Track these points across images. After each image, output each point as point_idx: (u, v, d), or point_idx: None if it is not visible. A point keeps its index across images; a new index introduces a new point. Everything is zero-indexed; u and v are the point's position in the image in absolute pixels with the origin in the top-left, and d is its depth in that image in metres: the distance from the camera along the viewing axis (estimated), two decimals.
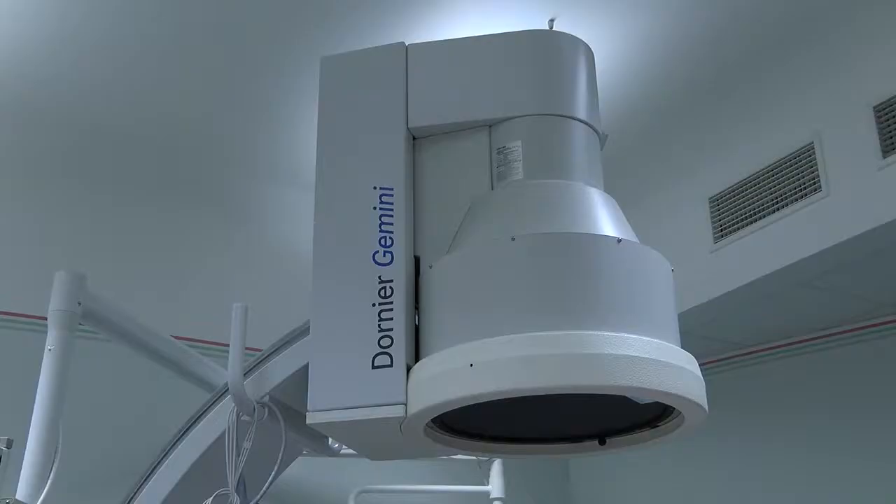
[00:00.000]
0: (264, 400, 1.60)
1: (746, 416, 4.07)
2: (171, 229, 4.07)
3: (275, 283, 3.96)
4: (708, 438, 3.94)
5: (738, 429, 4.06)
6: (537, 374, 1.33)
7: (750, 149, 3.42)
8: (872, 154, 2.90)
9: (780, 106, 3.32)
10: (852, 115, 2.99)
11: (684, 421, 1.49)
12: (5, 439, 1.78)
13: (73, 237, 3.81)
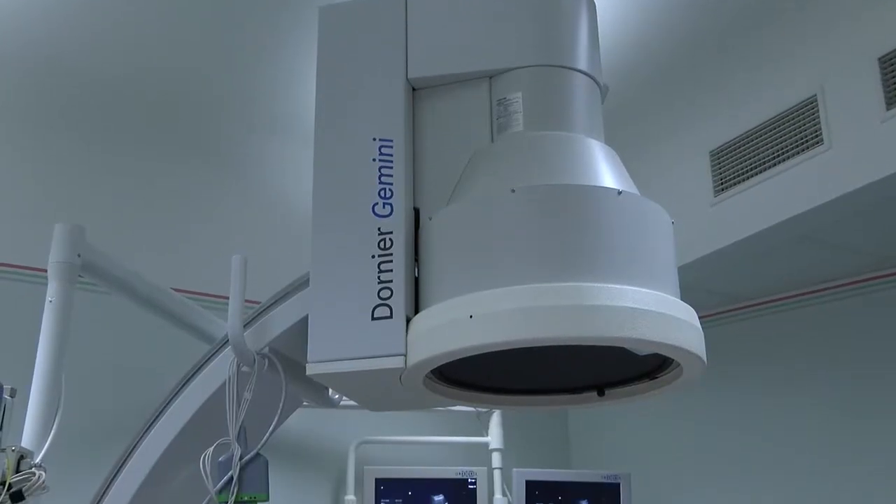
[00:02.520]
0: (264, 351, 1.61)
1: (746, 369, 4.10)
2: (171, 182, 4.06)
3: (274, 237, 3.96)
4: (707, 391, 3.98)
5: (737, 381, 4.09)
6: (536, 326, 1.33)
7: (752, 102, 3.39)
8: (876, 106, 2.88)
9: (784, 58, 3.29)
10: (857, 67, 2.96)
11: (683, 373, 1.50)
12: (9, 388, 1.79)
13: (72, 190, 3.80)
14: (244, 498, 1.51)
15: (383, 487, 3.94)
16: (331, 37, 1.68)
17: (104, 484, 1.74)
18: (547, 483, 4.03)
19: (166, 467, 1.72)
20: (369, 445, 4.10)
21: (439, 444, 4.23)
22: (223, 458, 1.52)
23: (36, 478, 1.80)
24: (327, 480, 4.10)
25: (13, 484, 1.77)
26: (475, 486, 4.01)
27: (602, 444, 4.61)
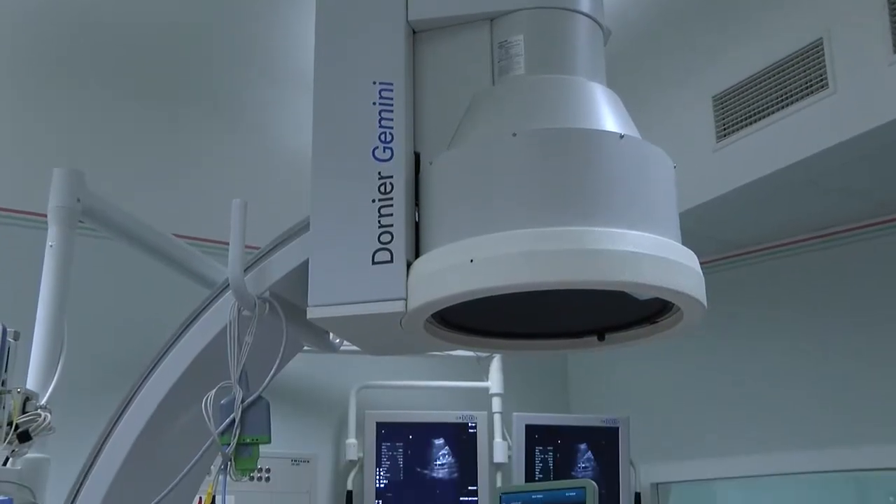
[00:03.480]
0: (265, 295, 1.61)
1: (746, 315, 4.11)
2: (171, 129, 4.03)
3: (274, 182, 3.95)
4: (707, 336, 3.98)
5: (737, 327, 4.10)
6: (537, 270, 1.33)
7: (756, 46, 3.35)
8: (883, 50, 2.84)
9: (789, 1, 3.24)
10: (864, 10, 2.92)
11: (683, 317, 1.50)
12: (12, 331, 1.80)
13: (72, 136, 3.77)
14: (246, 440, 1.52)
15: (384, 431, 3.99)
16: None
17: (108, 426, 1.76)
18: (546, 427, 4.08)
19: (169, 410, 1.73)
20: (370, 390, 4.14)
21: (440, 388, 4.27)
22: (225, 400, 1.53)
23: (42, 419, 1.82)
24: (329, 425, 4.14)
25: (20, 424, 1.79)
26: (475, 431, 4.05)
27: (601, 389, 4.64)
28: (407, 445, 4.00)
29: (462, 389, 4.25)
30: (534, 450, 4.04)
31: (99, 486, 1.71)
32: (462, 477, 4.00)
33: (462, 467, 4.01)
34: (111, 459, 1.72)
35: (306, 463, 3.93)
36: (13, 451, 1.81)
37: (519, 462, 3.99)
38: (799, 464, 3.92)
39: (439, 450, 4.03)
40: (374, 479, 3.91)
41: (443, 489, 3.98)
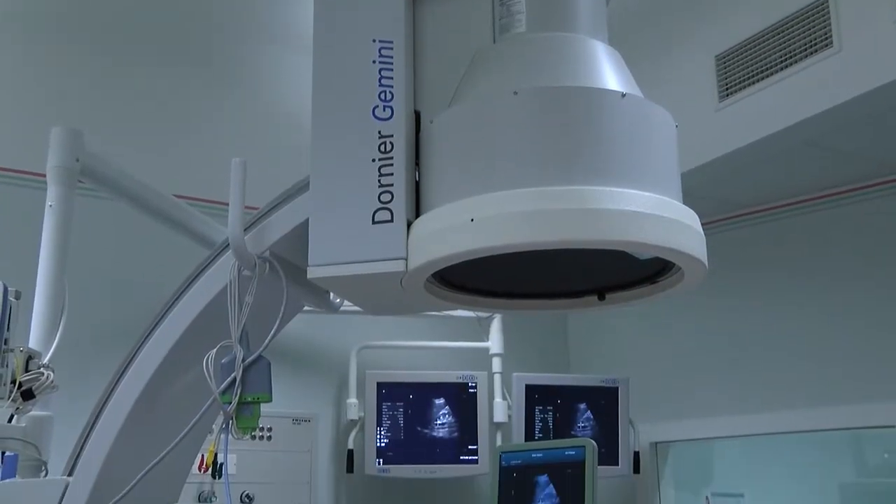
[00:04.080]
0: (265, 255, 1.61)
1: (747, 276, 4.11)
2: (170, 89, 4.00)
3: (274, 142, 3.93)
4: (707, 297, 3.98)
5: (738, 287, 4.10)
6: (538, 229, 1.33)
7: (759, 4, 3.31)
8: (888, 8, 2.81)
9: None
10: None
11: (684, 277, 1.50)
12: (13, 291, 1.81)
13: (72, 96, 3.75)
14: (247, 399, 1.53)
15: (385, 391, 4.01)
16: None
17: (109, 385, 1.76)
18: (546, 387, 4.10)
19: (170, 370, 1.74)
20: (371, 350, 4.15)
21: (440, 349, 4.29)
22: (226, 360, 1.53)
23: (45, 377, 1.84)
24: (329, 384, 4.16)
25: (23, 382, 1.80)
26: (475, 390, 4.08)
27: (601, 349, 4.66)
28: (407, 405, 4.03)
29: (462, 350, 4.27)
30: (534, 409, 4.06)
31: (102, 444, 1.72)
32: (462, 436, 4.03)
33: (462, 427, 4.04)
34: (113, 418, 1.73)
35: (307, 422, 3.96)
36: (17, 408, 1.83)
37: (519, 421, 4.02)
38: (796, 422, 3.95)
39: (440, 409, 4.05)
40: (375, 439, 3.94)
41: (443, 448, 4.02)
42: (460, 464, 4.01)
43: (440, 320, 4.18)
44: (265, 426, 3.78)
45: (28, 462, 1.87)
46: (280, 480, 3.78)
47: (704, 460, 5.18)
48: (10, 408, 1.82)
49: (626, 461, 4.08)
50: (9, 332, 1.76)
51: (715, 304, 4.13)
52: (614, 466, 4.03)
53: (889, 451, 4.59)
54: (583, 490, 3.01)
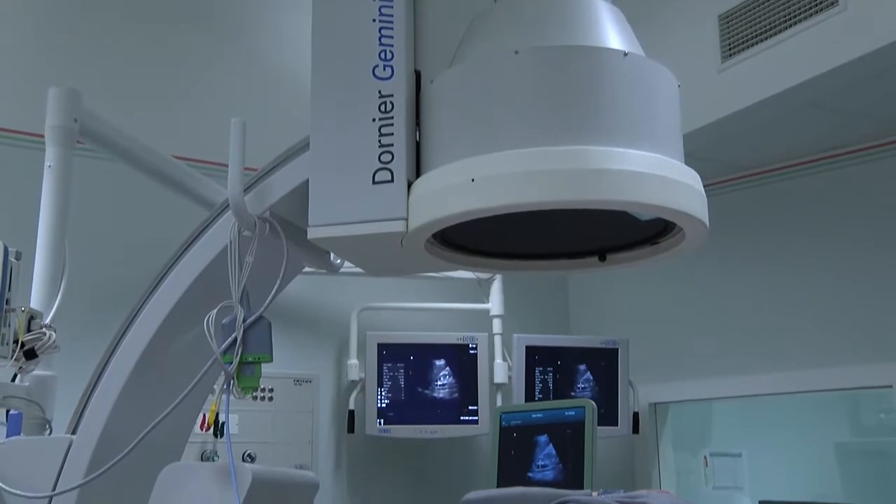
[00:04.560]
0: (265, 215, 1.60)
1: (748, 238, 4.10)
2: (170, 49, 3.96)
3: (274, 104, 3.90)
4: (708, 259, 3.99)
5: (738, 250, 4.09)
6: (539, 189, 1.32)
7: None
8: None
9: None
10: None
11: (685, 238, 1.50)
12: (13, 251, 1.81)
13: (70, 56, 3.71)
14: (248, 359, 1.53)
15: (385, 352, 4.03)
16: None
17: (111, 346, 1.77)
18: (546, 348, 4.12)
19: (171, 330, 1.74)
20: (371, 311, 4.16)
21: (441, 310, 4.30)
22: (227, 320, 1.54)
23: (47, 337, 1.84)
24: (330, 345, 4.18)
25: (25, 342, 1.81)
26: (476, 352, 4.10)
27: (601, 311, 4.67)
28: (408, 366, 4.05)
29: (463, 311, 4.28)
30: (534, 370, 4.08)
31: (104, 403, 1.73)
32: (462, 397, 4.05)
33: (462, 387, 4.06)
34: (115, 378, 1.74)
35: (308, 383, 3.98)
36: (20, 367, 1.84)
37: (519, 382, 4.04)
38: (794, 383, 3.97)
39: (440, 370, 4.07)
40: (376, 399, 3.96)
41: (443, 409, 4.04)
42: (460, 424, 4.03)
43: (441, 282, 4.18)
44: (266, 387, 3.80)
45: (32, 420, 1.88)
46: (282, 440, 3.81)
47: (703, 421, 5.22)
48: (13, 367, 1.83)
49: (626, 422, 4.11)
50: (10, 292, 1.77)
51: (715, 266, 4.14)
52: (613, 427, 4.06)
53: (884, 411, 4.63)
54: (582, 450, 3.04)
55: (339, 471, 4.07)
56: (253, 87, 4.07)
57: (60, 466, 1.70)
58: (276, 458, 3.65)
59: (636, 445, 4.41)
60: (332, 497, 3.95)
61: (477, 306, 4.24)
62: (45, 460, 1.71)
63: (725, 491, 4.99)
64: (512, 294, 4.27)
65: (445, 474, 4.15)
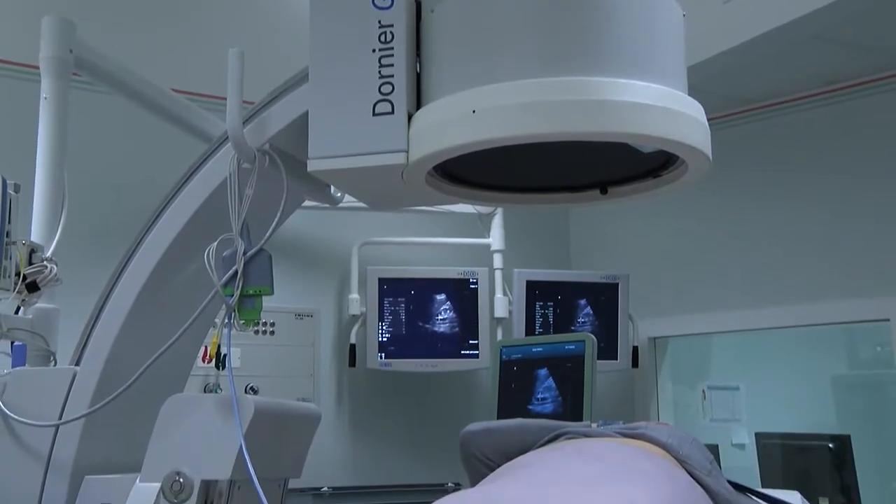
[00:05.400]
0: (264, 147, 1.59)
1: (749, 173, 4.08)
2: None
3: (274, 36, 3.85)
4: (709, 193, 3.99)
5: (739, 185, 4.08)
6: (540, 121, 1.31)
7: None
8: None
9: None
10: None
11: (688, 170, 1.49)
12: (12, 183, 1.80)
13: None
14: (249, 292, 1.54)
15: (386, 287, 4.04)
16: None
17: (112, 279, 1.78)
18: (547, 283, 4.13)
19: (171, 263, 1.74)
20: (372, 246, 4.16)
21: (441, 245, 4.30)
22: (227, 252, 1.54)
23: (48, 270, 1.84)
24: (331, 280, 4.19)
25: (27, 275, 1.81)
26: (476, 286, 4.11)
27: (602, 245, 4.68)
28: (409, 300, 4.06)
29: (464, 246, 4.28)
30: (534, 305, 4.10)
31: (107, 335, 1.74)
32: (463, 331, 4.08)
33: (463, 322, 4.08)
34: (117, 310, 1.75)
35: (310, 317, 4.00)
36: (23, 300, 1.85)
37: (519, 317, 4.06)
38: (792, 317, 3.99)
39: (441, 305, 4.09)
40: (377, 333, 3.99)
41: (444, 343, 4.07)
42: (461, 358, 4.07)
43: (441, 216, 4.18)
44: (268, 321, 3.82)
45: (37, 353, 1.90)
46: (284, 373, 3.84)
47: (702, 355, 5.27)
48: (15, 299, 1.83)
49: (625, 356, 4.14)
50: (10, 224, 1.76)
51: (716, 201, 4.13)
52: (613, 361, 4.09)
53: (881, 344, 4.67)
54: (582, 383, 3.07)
55: (341, 404, 4.12)
56: (252, 20, 4.01)
57: (65, 397, 1.71)
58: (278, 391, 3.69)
59: (635, 379, 4.45)
60: (333, 430, 4.01)
61: (478, 241, 4.24)
62: (50, 390, 1.73)
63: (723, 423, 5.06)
64: (513, 229, 4.26)
65: (446, 407, 4.20)
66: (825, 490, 3.15)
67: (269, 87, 1.67)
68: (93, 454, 1.71)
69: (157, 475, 1.55)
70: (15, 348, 1.86)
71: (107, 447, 1.74)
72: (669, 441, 1.49)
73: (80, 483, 1.67)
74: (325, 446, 3.83)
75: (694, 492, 1.32)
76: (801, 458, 3.37)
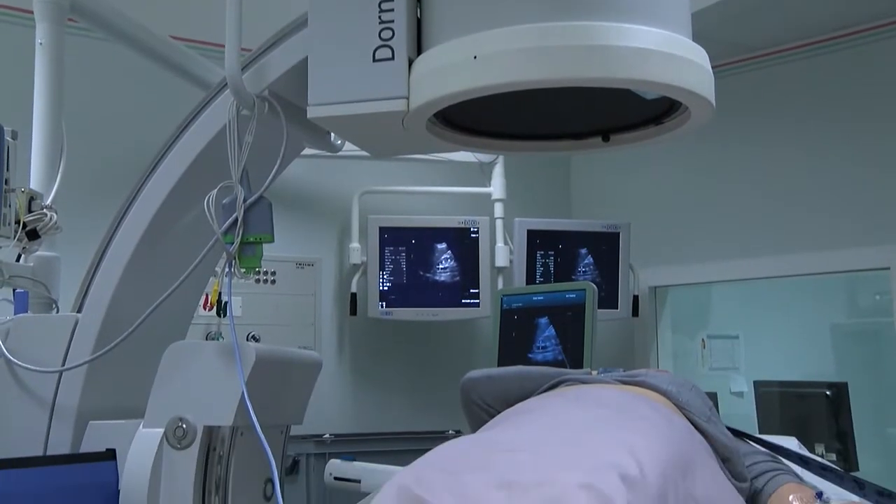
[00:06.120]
0: (264, 94, 1.58)
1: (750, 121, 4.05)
2: None
3: None
4: (711, 143, 3.97)
5: (741, 133, 4.05)
6: (542, 66, 1.29)
7: None
8: None
9: None
10: None
11: (690, 117, 1.47)
12: (9, 130, 1.78)
13: None
14: (250, 239, 1.53)
15: (387, 236, 4.04)
16: None
17: (112, 226, 1.77)
18: (548, 232, 4.13)
19: (171, 210, 1.74)
20: (373, 195, 4.15)
21: (442, 194, 4.29)
22: (227, 200, 1.53)
23: (48, 218, 1.84)
24: (332, 229, 4.19)
25: (27, 223, 1.81)
26: (477, 235, 4.11)
27: (603, 195, 4.66)
28: (410, 249, 4.07)
29: (465, 195, 4.27)
30: (535, 254, 4.10)
31: (108, 282, 1.74)
32: (464, 280, 4.09)
33: (464, 271, 4.09)
34: (117, 259, 1.75)
35: (311, 266, 4.01)
36: (24, 248, 1.85)
37: (520, 266, 4.07)
38: (792, 266, 4.00)
39: (442, 254, 4.09)
40: (378, 282, 4.00)
41: (445, 292, 4.08)
42: (462, 307, 4.08)
43: (442, 165, 4.16)
44: (269, 270, 3.83)
45: (38, 300, 1.90)
46: (285, 322, 3.86)
47: (702, 304, 5.30)
48: (16, 247, 1.83)
49: (626, 305, 4.16)
50: (8, 171, 1.75)
51: (717, 150, 4.11)
52: (613, 310, 4.10)
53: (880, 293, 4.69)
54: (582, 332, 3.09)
55: (342, 353, 4.14)
56: None
57: (68, 344, 1.72)
58: (280, 340, 3.71)
59: (635, 328, 4.47)
60: (334, 378, 4.04)
61: (479, 190, 4.23)
62: (53, 337, 1.73)
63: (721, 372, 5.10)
64: (514, 178, 4.25)
65: (446, 356, 4.23)
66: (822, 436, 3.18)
67: (268, 33, 1.65)
68: (96, 400, 1.72)
69: (160, 421, 1.57)
70: (17, 295, 1.86)
71: (110, 393, 1.75)
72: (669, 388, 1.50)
73: (84, 428, 1.69)
74: (327, 394, 3.86)
75: (693, 438, 1.33)
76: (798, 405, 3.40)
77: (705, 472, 1.20)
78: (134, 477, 1.56)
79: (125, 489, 1.57)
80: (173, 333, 1.81)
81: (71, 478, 1.57)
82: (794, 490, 1.46)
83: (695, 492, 1.10)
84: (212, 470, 1.56)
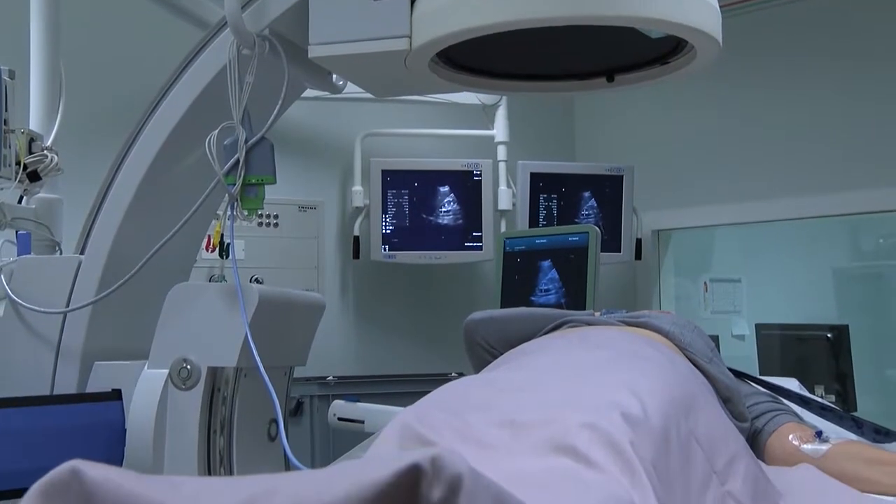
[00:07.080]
0: (264, 33, 1.55)
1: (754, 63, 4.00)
2: None
3: None
4: (715, 86, 3.92)
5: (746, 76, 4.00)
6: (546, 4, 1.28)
7: None
8: None
9: None
10: None
11: (696, 55, 1.45)
12: (6, 70, 1.76)
13: None
14: (252, 180, 1.52)
15: (389, 179, 4.03)
16: None
17: (113, 167, 1.76)
18: (551, 175, 4.11)
19: (172, 151, 1.72)
20: (375, 137, 4.13)
21: (445, 136, 4.26)
22: (228, 141, 1.52)
23: (49, 160, 1.83)
24: (334, 172, 4.17)
25: (28, 164, 1.80)
26: (480, 178, 4.09)
27: (607, 138, 4.64)
28: (412, 192, 4.05)
29: (467, 137, 4.24)
30: (538, 197, 4.09)
31: (110, 224, 1.74)
32: (467, 223, 4.08)
33: (467, 214, 4.08)
34: (118, 200, 1.74)
35: (313, 209, 4.00)
36: (25, 189, 1.84)
37: (523, 209, 4.06)
38: (795, 209, 3.99)
39: (444, 197, 4.08)
40: (381, 225, 3.99)
41: (448, 235, 4.08)
42: (465, 250, 4.08)
43: (445, 107, 4.13)
44: (271, 213, 3.82)
45: (41, 242, 1.90)
46: (288, 265, 3.87)
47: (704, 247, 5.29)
48: (17, 189, 1.83)
49: (628, 248, 4.15)
50: (7, 112, 1.74)
51: (720, 92, 4.07)
52: (616, 253, 4.10)
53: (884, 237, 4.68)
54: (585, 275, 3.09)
55: (345, 296, 4.16)
56: None
57: (72, 285, 1.73)
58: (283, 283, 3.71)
59: (638, 271, 4.48)
60: (338, 321, 4.06)
61: (482, 132, 4.20)
62: (56, 278, 1.74)
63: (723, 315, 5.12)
64: (517, 120, 4.22)
65: (449, 299, 4.24)
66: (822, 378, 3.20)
67: None
68: (101, 341, 1.73)
69: (164, 362, 1.58)
70: (20, 237, 1.86)
71: (115, 334, 1.76)
72: (671, 329, 1.50)
73: (90, 369, 1.70)
74: (330, 337, 3.88)
75: (695, 378, 1.34)
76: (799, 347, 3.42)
77: (707, 411, 1.21)
78: (140, 417, 1.58)
79: (131, 428, 1.58)
80: (176, 275, 1.81)
81: (78, 417, 1.59)
82: (794, 429, 1.48)
83: (697, 431, 1.11)
84: (216, 410, 1.58)
